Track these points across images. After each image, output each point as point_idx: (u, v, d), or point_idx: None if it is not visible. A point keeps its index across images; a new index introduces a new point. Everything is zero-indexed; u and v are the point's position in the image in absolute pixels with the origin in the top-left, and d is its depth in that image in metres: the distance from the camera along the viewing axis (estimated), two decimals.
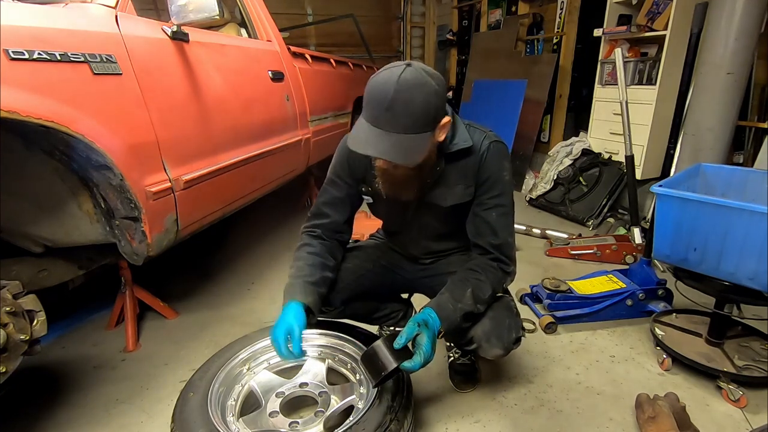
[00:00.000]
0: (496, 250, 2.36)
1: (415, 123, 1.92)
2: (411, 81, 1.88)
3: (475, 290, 2.27)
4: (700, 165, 3.41)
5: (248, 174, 3.74)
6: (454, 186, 2.33)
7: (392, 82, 1.87)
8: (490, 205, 2.32)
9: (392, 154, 1.95)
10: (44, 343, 2.43)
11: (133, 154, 2.54)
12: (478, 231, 2.38)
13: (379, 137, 1.93)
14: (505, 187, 2.33)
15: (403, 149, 1.95)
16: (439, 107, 2.00)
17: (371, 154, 1.98)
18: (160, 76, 2.84)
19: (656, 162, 5.45)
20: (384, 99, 1.88)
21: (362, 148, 1.97)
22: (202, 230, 3.33)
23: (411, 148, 1.97)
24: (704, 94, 4.42)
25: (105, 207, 2.60)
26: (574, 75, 7.23)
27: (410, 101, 1.88)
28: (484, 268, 2.35)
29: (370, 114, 1.95)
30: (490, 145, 2.28)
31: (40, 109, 2.06)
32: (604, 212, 5.86)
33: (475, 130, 2.32)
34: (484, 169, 2.28)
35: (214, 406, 2.13)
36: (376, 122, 1.94)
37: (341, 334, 2.60)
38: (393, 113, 1.89)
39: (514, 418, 2.63)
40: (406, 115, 1.90)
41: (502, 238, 2.35)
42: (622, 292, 3.56)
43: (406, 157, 1.98)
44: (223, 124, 3.38)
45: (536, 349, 3.25)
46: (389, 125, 1.91)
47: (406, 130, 1.92)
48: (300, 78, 4.83)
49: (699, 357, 2.90)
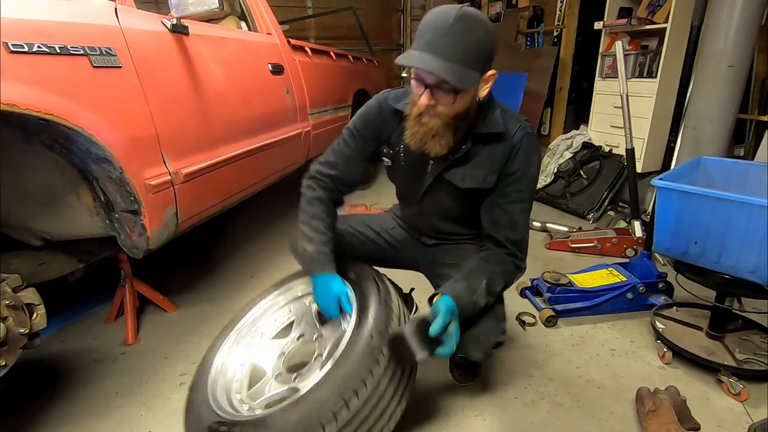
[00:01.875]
0: (513, 246, 2.30)
1: (470, 55, 1.88)
2: (473, 14, 1.86)
3: (489, 282, 2.23)
4: (701, 158, 3.41)
5: (248, 167, 3.73)
6: (477, 169, 2.26)
7: (454, 10, 1.83)
8: (514, 198, 2.26)
9: (446, 72, 1.85)
10: (44, 336, 2.43)
11: (133, 147, 2.53)
12: (497, 223, 2.31)
13: (432, 59, 1.85)
14: (531, 183, 2.28)
15: (456, 73, 1.86)
16: (492, 52, 1.96)
17: (425, 67, 1.87)
18: (160, 69, 2.83)
19: (657, 155, 5.46)
20: (444, 24, 1.83)
21: (415, 61, 1.89)
22: (202, 223, 3.33)
23: (463, 77, 1.88)
24: (705, 87, 4.42)
25: (104, 200, 2.60)
26: (575, 68, 7.24)
27: (470, 31, 1.85)
28: (499, 260, 2.31)
29: (425, 40, 1.88)
30: (524, 138, 2.21)
31: (40, 102, 2.06)
32: (604, 205, 5.86)
33: (510, 117, 2.24)
34: (514, 162, 2.22)
35: (218, 394, 2.16)
36: (429, 47, 1.87)
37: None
38: (451, 39, 1.84)
39: (515, 412, 2.63)
40: (463, 44, 1.85)
41: (520, 235, 2.30)
42: (623, 286, 3.57)
43: (458, 79, 1.87)
44: (223, 117, 3.37)
45: (537, 343, 3.25)
46: (444, 52, 1.85)
47: (460, 60, 1.86)
48: (300, 71, 4.82)
49: (699, 350, 2.90)
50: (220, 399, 2.14)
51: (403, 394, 2.14)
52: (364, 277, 2.37)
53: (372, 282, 2.31)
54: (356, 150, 2.46)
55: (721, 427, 2.52)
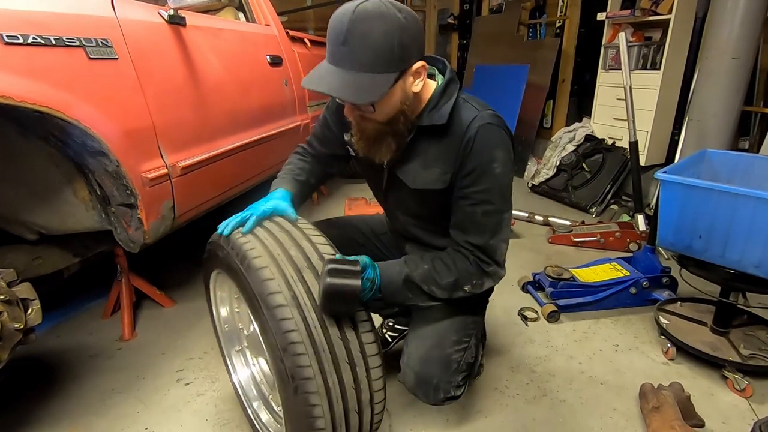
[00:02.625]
0: (477, 250, 2.05)
1: (374, 61, 1.73)
2: (370, 11, 1.70)
3: (431, 270, 2.04)
4: (705, 151, 3.40)
5: (246, 160, 3.73)
6: (429, 168, 2.07)
7: (348, 13, 1.70)
8: (475, 200, 2.01)
9: (343, 91, 1.76)
10: (39, 332, 2.42)
11: (129, 139, 2.52)
12: (459, 226, 2.10)
13: (333, 74, 1.77)
14: (495, 181, 1.99)
15: (356, 87, 1.75)
16: (406, 46, 1.77)
17: (319, 89, 1.78)
18: (157, 60, 2.82)
19: (660, 148, 5.46)
20: (339, 32, 1.72)
21: (314, 84, 1.79)
22: (200, 217, 3.32)
23: (366, 88, 1.76)
24: (709, 79, 4.41)
25: (101, 194, 2.59)
26: (577, 60, 7.21)
27: (367, 34, 1.69)
28: (452, 253, 2.10)
29: (328, 51, 1.81)
30: (479, 130, 1.94)
31: (35, 95, 2.05)
32: (607, 199, 5.86)
33: (469, 108, 2.01)
34: (469, 159, 1.97)
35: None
36: (332, 59, 1.79)
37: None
38: (349, 48, 1.72)
39: (516, 408, 2.63)
40: (363, 50, 1.71)
41: (485, 240, 2.04)
42: (626, 280, 3.57)
43: (357, 95, 1.76)
44: (221, 109, 3.36)
45: (539, 338, 3.25)
46: (345, 62, 1.75)
47: (363, 67, 1.73)
48: (299, 63, 4.82)
49: (704, 346, 2.90)
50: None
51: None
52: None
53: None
54: (328, 135, 2.43)
55: (726, 423, 2.52)
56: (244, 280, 1.81)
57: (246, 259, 1.81)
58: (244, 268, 1.82)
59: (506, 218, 2.07)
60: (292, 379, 1.70)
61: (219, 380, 2.77)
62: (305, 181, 2.41)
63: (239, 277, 1.86)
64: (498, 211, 2.02)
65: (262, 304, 1.73)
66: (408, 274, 2.02)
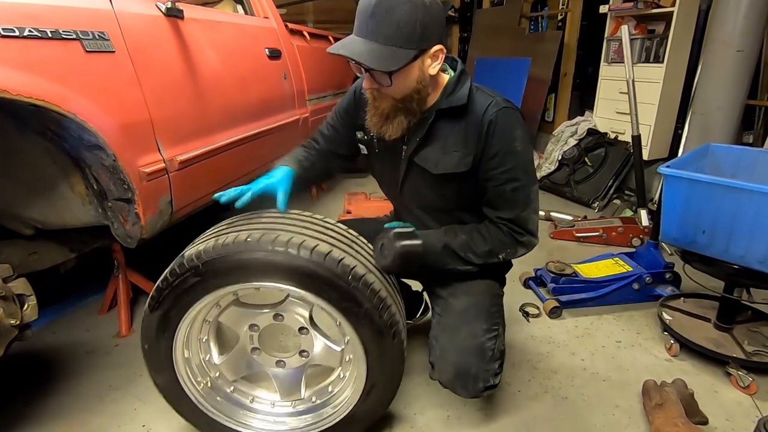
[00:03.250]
0: (510, 223, 2.21)
1: (396, 34, 1.88)
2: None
3: (469, 240, 2.23)
4: (709, 145, 3.40)
5: (244, 154, 3.72)
6: (450, 151, 2.20)
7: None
8: (503, 179, 2.15)
9: (365, 56, 1.89)
10: (35, 328, 2.43)
11: (127, 133, 2.52)
12: (490, 203, 2.25)
13: (358, 43, 1.91)
14: (518, 159, 2.15)
15: (378, 55, 1.89)
16: (427, 25, 1.92)
17: (343, 53, 1.90)
18: (154, 53, 2.81)
19: (664, 142, 5.44)
20: (368, 6, 1.86)
21: (338, 49, 1.92)
22: (197, 212, 3.31)
23: (387, 57, 1.90)
24: (713, 73, 4.40)
25: (97, 188, 2.58)
26: (579, 53, 7.19)
27: (393, 8, 1.84)
28: (488, 225, 2.26)
29: (356, 24, 1.95)
30: (498, 114, 2.09)
31: (31, 88, 2.04)
32: (610, 194, 5.86)
33: (483, 94, 2.17)
34: (492, 142, 2.11)
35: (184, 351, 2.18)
36: (358, 31, 1.93)
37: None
38: (375, 20, 1.86)
39: (518, 405, 2.63)
40: (387, 24, 1.86)
41: (515, 213, 2.20)
42: (629, 276, 3.57)
43: (378, 61, 1.89)
44: (219, 103, 3.36)
45: (540, 335, 3.25)
46: (371, 34, 1.89)
47: (387, 40, 1.88)
48: (298, 56, 4.81)
49: (707, 342, 2.90)
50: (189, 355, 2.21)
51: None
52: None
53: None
54: (335, 133, 2.53)
55: (730, 420, 2.52)
56: (313, 271, 1.89)
57: (314, 251, 1.90)
58: (314, 259, 1.88)
59: (534, 190, 2.23)
60: (390, 328, 2.00)
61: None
62: (309, 167, 2.50)
63: (298, 275, 1.91)
64: (525, 186, 2.18)
65: (349, 279, 1.91)
66: (447, 242, 2.22)
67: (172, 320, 2.04)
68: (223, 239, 1.91)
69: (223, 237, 1.92)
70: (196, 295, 1.98)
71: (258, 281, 1.93)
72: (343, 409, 2.24)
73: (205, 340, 2.27)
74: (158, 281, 1.99)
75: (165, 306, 2.00)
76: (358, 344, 2.04)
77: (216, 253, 1.89)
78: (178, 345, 2.11)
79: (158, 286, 1.98)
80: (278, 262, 1.87)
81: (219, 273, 1.92)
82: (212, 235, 2.01)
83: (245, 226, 2.03)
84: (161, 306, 2.00)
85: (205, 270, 1.91)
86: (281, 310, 2.17)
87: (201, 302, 2.00)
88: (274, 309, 2.17)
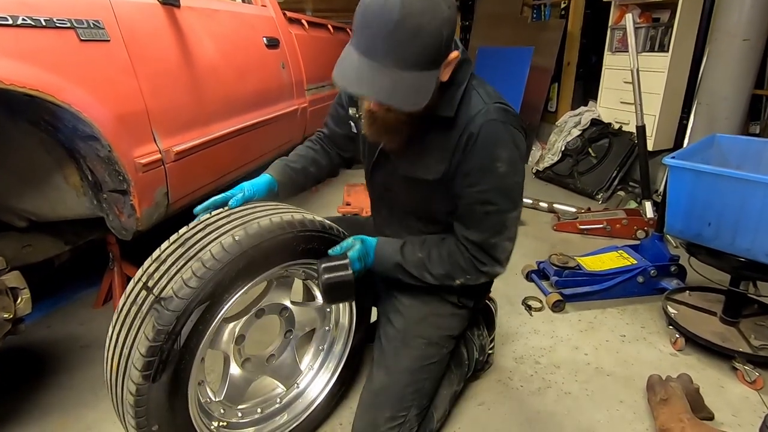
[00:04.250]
0: (472, 247, 2.04)
1: (422, 58, 1.62)
2: (420, 3, 1.54)
3: (426, 259, 2.10)
4: (715, 135, 3.40)
5: (242, 145, 3.72)
6: (425, 156, 2.03)
7: (394, 4, 1.52)
8: (476, 199, 1.96)
9: (395, 96, 1.64)
10: (29, 322, 2.43)
11: (122, 124, 2.51)
12: (459, 219, 2.07)
13: (376, 73, 1.62)
14: (498, 181, 1.93)
15: (406, 90, 1.64)
16: (450, 38, 1.69)
17: (367, 95, 1.71)
18: (150, 42, 2.80)
19: (669, 132, 5.43)
20: (385, 23, 1.54)
21: (355, 86, 1.68)
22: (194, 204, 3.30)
23: (417, 89, 1.66)
24: (719, 62, 4.39)
25: (92, 180, 2.58)
26: (583, 41, 7.18)
27: (420, 30, 1.55)
28: (451, 245, 2.10)
29: (365, 41, 1.63)
30: (483, 128, 1.88)
31: (25, 78, 2.03)
32: (614, 185, 5.86)
33: (477, 99, 1.93)
34: (471, 157, 1.91)
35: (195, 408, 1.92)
36: (371, 52, 1.62)
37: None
38: (397, 43, 1.56)
39: (520, 401, 2.63)
40: (414, 48, 1.58)
41: (482, 237, 2.01)
42: (633, 269, 3.56)
43: (411, 100, 1.66)
44: (216, 93, 3.35)
45: (543, 329, 3.25)
46: (389, 58, 1.59)
47: (411, 65, 1.61)
48: (296, 45, 4.81)
49: (713, 336, 2.90)
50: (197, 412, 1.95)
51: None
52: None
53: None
54: (342, 115, 2.44)
55: (736, 416, 2.52)
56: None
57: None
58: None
59: (511, 218, 2.02)
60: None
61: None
62: (300, 169, 2.42)
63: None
64: (501, 211, 1.98)
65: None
66: (400, 262, 2.11)
67: (180, 376, 1.75)
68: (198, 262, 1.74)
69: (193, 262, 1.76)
70: (203, 330, 1.76)
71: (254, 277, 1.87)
72: (345, 346, 2.35)
73: (202, 383, 2.03)
74: (148, 341, 1.64)
75: (172, 363, 1.70)
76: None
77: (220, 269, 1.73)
78: (192, 404, 1.87)
79: (152, 346, 1.63)
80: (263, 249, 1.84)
81: (220, 288, 1.75)
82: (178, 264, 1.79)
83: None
84: (167, 366, 1.69)
85: (211, 291, 1.72)
86: (262, 304, 2.15)
87: (207, 335, 1.80)
88: (255, 306, 2.14)
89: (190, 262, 1.75)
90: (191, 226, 1.99)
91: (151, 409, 1.70)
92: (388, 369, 2.22)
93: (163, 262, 1.83)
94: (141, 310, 1.72)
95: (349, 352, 2.40)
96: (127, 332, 1.72)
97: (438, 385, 2.35)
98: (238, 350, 2.13)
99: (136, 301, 1.76)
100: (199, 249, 1.79)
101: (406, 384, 2.18)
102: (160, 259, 1.86)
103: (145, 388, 1.66)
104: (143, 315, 1.70)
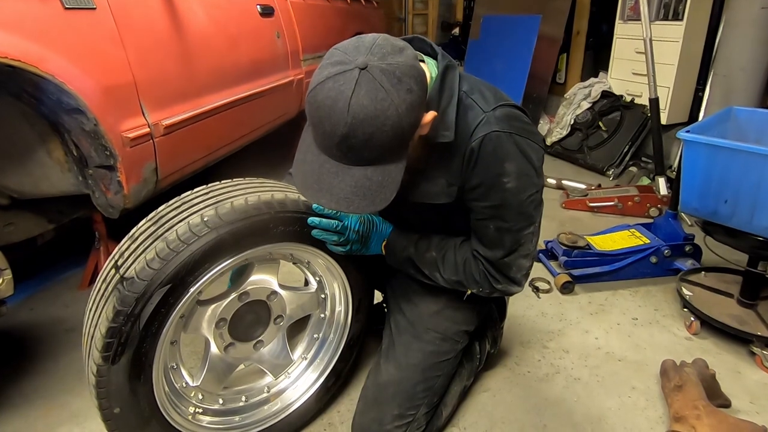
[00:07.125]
0: (487, 263, 2.00)
1: (385, 154, 1.59)
2: (368, 109, 1.47)
3: (439, 260, 2.09)
4: (732, 108, 3.38)
5: (234, 118, 3.71)
6: (433, 178, 1.95)
7: (341, 111, 1.47)
8: (486, 215, 1.93)
9: (356, 201, 1.60)
10: (10, 304, 2.41)
11: (109, 96, 2.50)
12: (474, 233, 2.04)
13: (334, 175, 1.60)
14: (505, 198, 1.87)
15: (370, 188, 1.61)
16: (418, 117, 1.62)
17: (328, 206, 1.64)
18: (138, 10, 2.79)
19: (683, 105, 5.40)
20: (334, 134, 1.51)
21: (315, 194, 1.64)
22: (184, 181, 3.29)
23: (383, 185, 1.62)
24: (736, 31, 4.38)
25: (77, 155, 2.57)
26: (593, 9, 7.10)
27: (371, 136, 1.51)
28: (468, 255, 2.07)
29: (320, 141, 1.61)
30: (484, 141, 1.80)
31: (6, 47, 2.02)
32: (625, 160, 5.84)
33: (474, 108, 1.84)
34: (475, 173, 1.85)
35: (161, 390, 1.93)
36: (328, 152, 1.60)
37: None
38: (351, 148, 1.54)
39: (527, 387, 2.63)
40: (370, 151, 1.55)
41: (496, 256, 1.97)
42: (646, 249, 3.56)
43: (378, 198, 1.63)
44: (207, 63, 3.34)
45: (551, 311, 3.25)
46: (347, 160, 1.58)
47: (374, 161, 1.59)
48: (292, 13, 4.77)
49: (730, 319, 2.90)
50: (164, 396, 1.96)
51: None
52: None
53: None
54: None
55: (754, 403, 2.52)
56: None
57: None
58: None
59: (527, 234, 1.97)
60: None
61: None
62: None
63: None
64: (513, 229, 1.93)
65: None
66: (412, 257, 2.12)
67: (142, 360, 1.76)
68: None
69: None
70: (166, 313, 1.76)
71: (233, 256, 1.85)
72: (341, 337, 2.34)
73: (176, 367, 2.07)
74: (108, 322, 1.65)
75: (131, 345, 1.70)
76: (335, 266, 2.15)
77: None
78: (159, 388, 1.88)
79: (111, 327, 1.64)
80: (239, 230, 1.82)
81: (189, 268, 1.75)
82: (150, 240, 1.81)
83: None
84: (126, 348, 1.69)
85: (174, 273, 1.72)
86: (244, 287, 2.10)
87: (172, 319, 1.79)
88: (237, 289, 2.08)
89: (156, 242, 1.76)
90: (170, 203, 1.99)
91: (112, 392, 1.72)
92: (398, 363, 2.22)
93: (135, 240, 1.87)
94: (107, 290, 1.74)
95: (346, 342, 2.37)
96: (95, 312, 1.76)
97: (450, 381, 2.35)
98: (219, 334, 2.09)
99: (106, 280, 1.80)
100: (168, 228, 1.80)
101: (417, 381, 2.18)
102: (133, 237, 1.91)
103: (105, 370, 1.68)
104: (107, 295, 1.73)
